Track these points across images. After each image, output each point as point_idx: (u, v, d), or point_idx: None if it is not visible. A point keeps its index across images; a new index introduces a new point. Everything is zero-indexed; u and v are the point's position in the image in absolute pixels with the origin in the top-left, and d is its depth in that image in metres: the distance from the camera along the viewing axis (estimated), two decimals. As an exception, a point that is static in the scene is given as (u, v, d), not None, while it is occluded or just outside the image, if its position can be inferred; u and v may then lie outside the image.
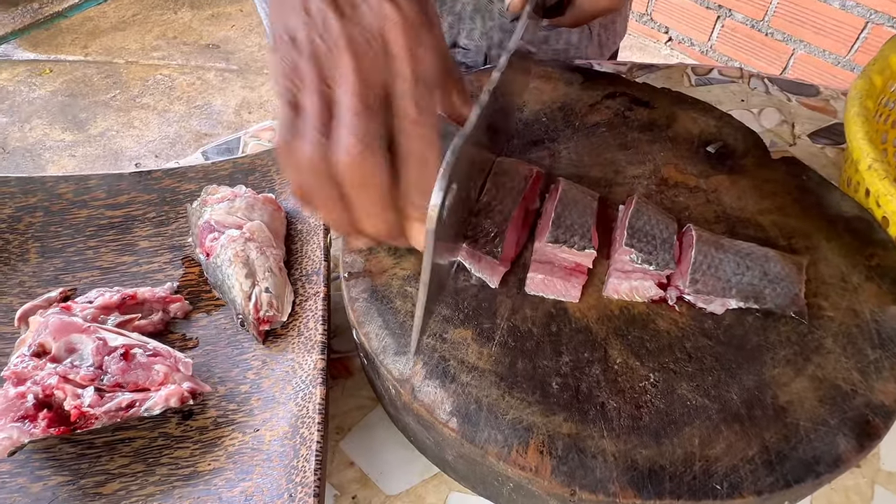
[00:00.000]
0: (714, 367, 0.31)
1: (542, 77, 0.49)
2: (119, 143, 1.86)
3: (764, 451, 0.28)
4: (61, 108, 1.98)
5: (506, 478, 0.29)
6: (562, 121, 0.46)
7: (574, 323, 0.33)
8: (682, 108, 0.47)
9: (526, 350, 0.32)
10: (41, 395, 0.33)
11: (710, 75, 0.62)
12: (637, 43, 2.07)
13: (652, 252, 0.33)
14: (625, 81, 0.49)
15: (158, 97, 2.02)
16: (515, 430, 0.29)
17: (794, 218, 0.39)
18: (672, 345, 0.32)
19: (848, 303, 0.34)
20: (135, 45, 2.23)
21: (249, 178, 0.46)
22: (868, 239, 0.37)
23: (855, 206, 0.39)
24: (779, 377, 0.31)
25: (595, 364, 0.31)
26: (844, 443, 0.28)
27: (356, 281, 0.36)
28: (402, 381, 0.31)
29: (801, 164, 0.42)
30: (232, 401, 0.36)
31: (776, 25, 1.66)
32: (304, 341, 0.37)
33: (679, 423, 0.29)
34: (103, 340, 0.35)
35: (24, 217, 0.44)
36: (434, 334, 0.33)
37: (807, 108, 0.58)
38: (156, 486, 0.33)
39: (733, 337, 0.33)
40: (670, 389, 0.30)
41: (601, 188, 0.40)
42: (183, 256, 0.44)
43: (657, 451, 0.28)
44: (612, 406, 0.30)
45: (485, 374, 0.31)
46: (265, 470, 0.33)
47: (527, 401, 0.30)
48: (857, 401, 0.30)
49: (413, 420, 0.32)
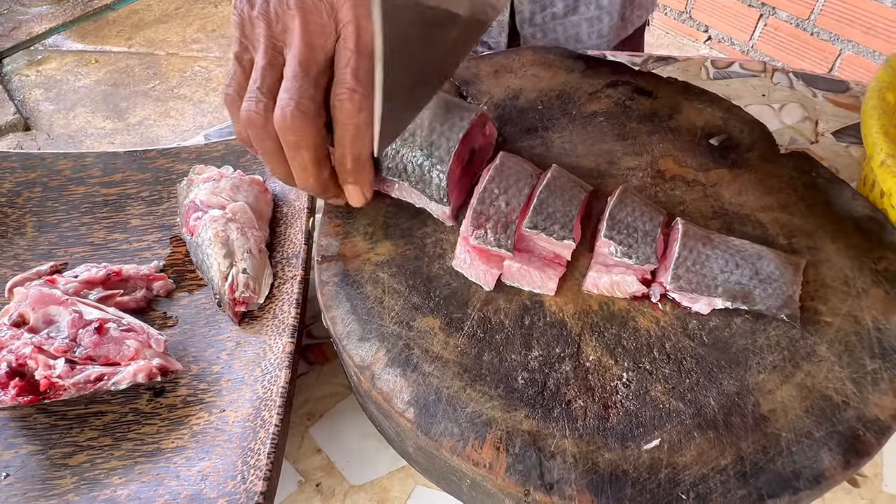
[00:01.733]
0: (693, 369, 0.29)
1: (541, 64, 0.47)
2: (155, 132, 1.92)
3: (738, 461, 0.26)
4: (104, 97, 2.06)
5: (463, 474, 0.28)
6: (558, 109, 0.44)
7: (549, 317, 0.32)
8: (688, 98, 0.44)
9: (494, 342, 0.31)
10: (14, 364, 0.33)
11: (730, 69, 0.59)
12: (675, 42, 2.01)
13: (632, 245, 0.32)
14: (628, 70, 0.47)
15: (195, 88, 2.08)
16: (473, 424, 0.28)
17: (797, 216, 0.36)
18: (651, 344, 0.30)
19: (849, 308, 0.31)
20: (176, 37, 2.30)
21: (241, 160, 0.46)
22: (878, 241, 0.34)
23: (867, 206, 0.36)
24: (763, 384, 0.28)
25: (566, 360, 0.30)
26: (829, 458, 0.26)
27: (328, 265, 0.35)
28: (362, 367, 0.30)
29: (811, 159, 0.39)
30: (203, 380, 0.36)
31: (822, 24, 1.58)
32: (277, 324, 0.37)
33: (648, 427, 0.27)
34: (79, 313, 0.36)
35: (23, 192, 0.45)
36: (401, 321, 0.32)
37: (833, 105, 0.55)
38: (119, 461, 0.33)
39: (718, 339, 0.30)
40: (643, 391, 0.28)
41: (592, 179, 0.39)
42: (171, 236, 0.44)
43: (621, 454, 0.26)
44: (579, 405, 0.28)
45: (448, 365, 0.30)
46: (224, 451, 0.32)
47: (489, 394, 0.29)
48: (848, 413, 0.27)
49: (374, 408, 0.31)
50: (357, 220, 0.37)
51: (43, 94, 2.07)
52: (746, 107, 0.45)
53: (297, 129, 0.28)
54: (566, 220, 0.33)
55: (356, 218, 0.37)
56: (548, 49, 0.49)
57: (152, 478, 0.32)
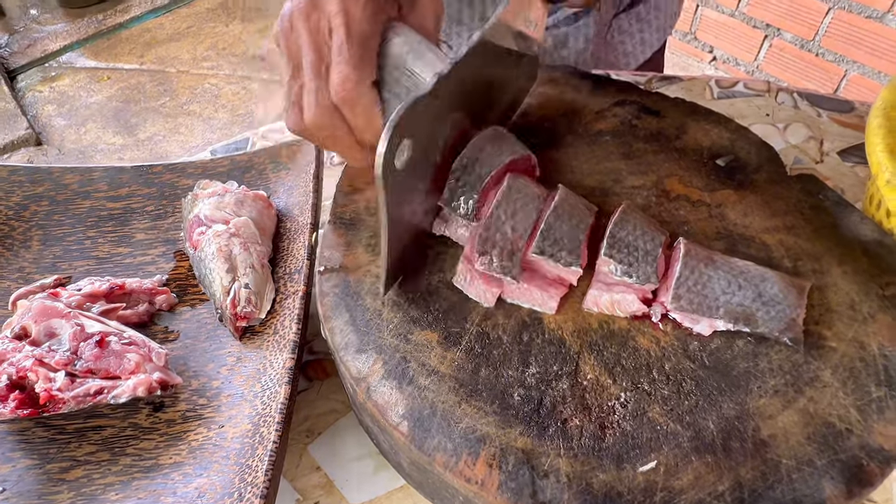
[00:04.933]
0: (693, 391, 0.29)
1: (549, 82, 0.48)
2: (164, 148, 1.94)
3: (736, 486, 0.25)
4: (115, 113, 2.08)
5: (455, 490, 0.27)
6: (565, 127, 0.44)
7: (547, 334, 0.31)
8: (695, 118, 0.44)
9: (492, 358, 0.30)
10: (15, 377, 0.33)
11: (734, 88, 0.59)
12: (680, 62, 2.02)
13: (633, 264, 0.31)
14: (636, 90, 0.47)
15: (205, 105, 2.10)
16: (467, 440, 0.27)
17: (804, 238, 0.36)
18: (650, 364, 0.30)
19: (854, 333, 0.31)
20: (187, 55, 2.34)
21: (246, 175, 0.46)
22: (886, 266, 0.34)
23: (875, 230, 0.36)
24: (764, 408, 0.28)
25: (564, 378, 0.29)
26: (830, 487, 0.25)
27: (330, 276, 0.35)
28: (358, 379, 0.30)
29: (819, 182, 0.39)
30: (203, 395, 0.36)
31: (827, 45, 1.59)
32: (277, 339, 0.37)
33: (645, 449, 0.27)
34: (81, 326, 0.36)
35: (30, 205, 0.45)
36: (398, 334, 0.32)
37: (838, 125, 0.55)
38: (116, 476, 0.33)
39: (719, 361, 0.30)
40: (641, 411, 0.28)
41: (595, 197, 0.38)
42: (175, 250, 0.44)
43: (616, 475, 0.26)
44: (575, 424, 0.28)
45: (444, 379, 0.30)
46: (222, 467, 0.32)
47: (484, 410, 0.28)
48: (851, 442, 0.27)
49: (369, 420, 0.31)
50: (360, 233, 0.37)
51: (55, 110, 2.11)
52: (751, 126, 0.45)
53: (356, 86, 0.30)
54: (573, 245, 0.33)
55: (360, 230, 0.37)
56: (555, 67, 0.49)
57: (149, 494, 0.32)
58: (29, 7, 2.61)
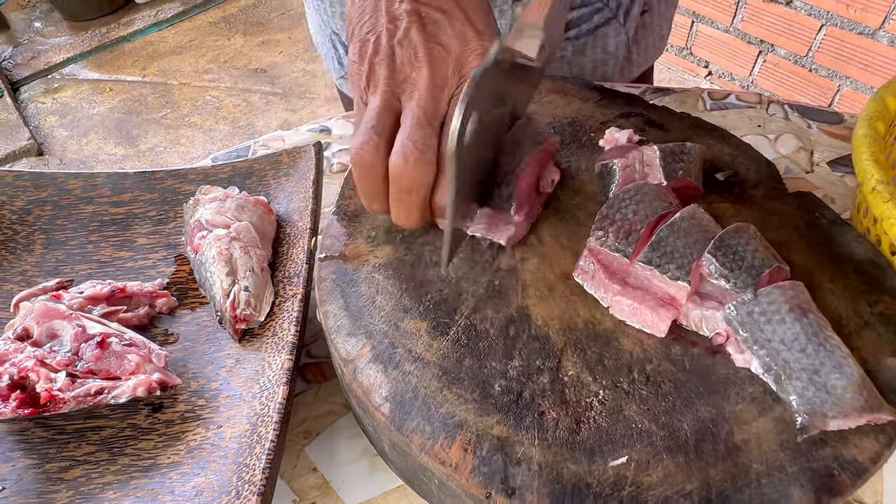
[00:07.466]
0: (671, 393, 0.29)
1: (557, 92, 0.49)
2: (165, 159, 1.95)
3: (705, 487, 0.26)
4: (116, 124, 2.10)
5: (431, 473, 0.28)
6: (570, 135, 0.45)
7: (534, 329, 0.32)
8: (698, 133, 0.45)
9: (477, 349, 0.31)
10: (16, 377, 0.34)
11: (726, 100, 0.60)
12: (676, 77, 2.05)
13: (734, 270, 0.31)
14: (643, 103, 0.48)
15: (206, 116, 2.12)
16: (445, 424, 0.28)
17: (796, 254, 0.36)
18: (632, 365, 0.30)
19: (838, 348, 0.31)
20: (189, 67, 2.36)
21: (247, 181, 0.47)
22: (877, 285, 0.34)
23: (870, 250, 0.36)
24: (740, 414, 0.28)
25: (545, 373, 0.30)
26: (799, 494, 0.26)
27: (329, 263, 0.37)
28: (347, 360, 0.31)
29: (816, 200, 0.39)
30: (201, 397, 0.37)
31: (820, 61, 1.62)
32: (276, 341, 0.37)
33: (618, 444, 0.27)
34: (82, 328, 0.36)
35: (34, 210, 0.46)
36: (389, 321, 0.33)
37: (828, 136, 0.56)
38: (115, 476, 0.33)
39: (700, 366, 0.30)
40: (617, 409, 0.29)
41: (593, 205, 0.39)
42: (176, 254, 0.45)
43: (587, 468, 0.27)
44: (552, 416, 0.28)
45: (429, 366, 0.31)
46: (220, 466, 0.32)
47: (464, 398, 0.29)
48: (824, 452, 0.27)
49: (355, 402, 0.32)
50: (362, 224, 0.39)
51: (58, 121, 2.13)
52: (743, 137, 0.46)
53: (414, 176, 0.29)
54: (684, 261, 0.32)
55: (361, 222, 0.39)
56: (565, 78, 0.50)
57: (147, 493, 0.32)
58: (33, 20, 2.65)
